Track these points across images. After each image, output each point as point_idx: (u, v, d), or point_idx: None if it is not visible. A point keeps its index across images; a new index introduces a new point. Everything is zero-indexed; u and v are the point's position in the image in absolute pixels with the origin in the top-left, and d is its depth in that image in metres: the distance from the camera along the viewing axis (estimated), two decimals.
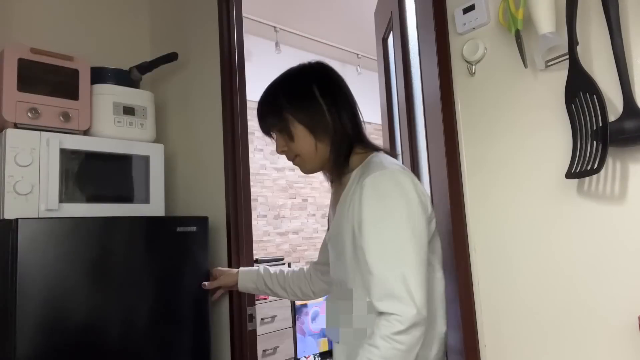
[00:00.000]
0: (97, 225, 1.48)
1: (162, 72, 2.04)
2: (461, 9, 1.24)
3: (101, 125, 1.72)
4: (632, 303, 0.96)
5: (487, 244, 1.19)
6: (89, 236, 1.45)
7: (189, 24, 2.07)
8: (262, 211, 4.25)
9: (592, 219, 1.02)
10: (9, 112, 1.52)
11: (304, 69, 1.26)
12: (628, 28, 0.98)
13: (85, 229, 1.45)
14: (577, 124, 1.00)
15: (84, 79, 1.69)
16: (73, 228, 1.42)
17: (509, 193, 1.15)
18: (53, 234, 1.38)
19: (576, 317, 1.04)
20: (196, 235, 1.66)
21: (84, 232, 1.44)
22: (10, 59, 1.54)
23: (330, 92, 1.21)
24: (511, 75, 1.16)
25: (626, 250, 0.97)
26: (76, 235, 1.42)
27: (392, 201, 1.07)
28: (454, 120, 1.26)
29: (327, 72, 1.26)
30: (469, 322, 1.18)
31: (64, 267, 1.38)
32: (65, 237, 1.40)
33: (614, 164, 0.99)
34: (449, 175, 1.23)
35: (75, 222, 1.45)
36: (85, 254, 1.43)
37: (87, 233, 1.45)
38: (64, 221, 1.43)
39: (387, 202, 1.07)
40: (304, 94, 1.20)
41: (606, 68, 0.99)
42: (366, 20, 2.94)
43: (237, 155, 1.81)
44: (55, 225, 1.40)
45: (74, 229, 1.42)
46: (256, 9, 3.56)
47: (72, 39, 1.98)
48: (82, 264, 1.42)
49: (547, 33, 1.02)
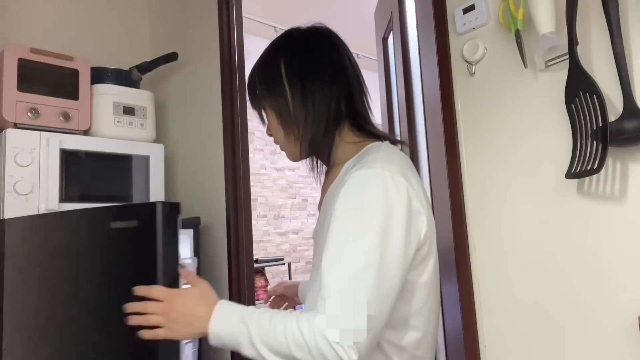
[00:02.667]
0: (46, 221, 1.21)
1: (162, 72, 2.05)
2: (461, 9, 1.24)
3: (101, 125, 1.72)
4: (632, 303, 0.96)
5: (487, 244, 1.19)
6: (37, 234, 1.20)
7: (189, 24, 2.07)
8: (262, 211, 4.25)
9: (592, 219, 1.02)
10: (9, 112, 1.52)
11: (274, 42, 1.03)
12: (628, 28, 0.98)
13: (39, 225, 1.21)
14: (577, 124, 1.00)
15: (84, 79, 1.69)
16: (33, 225, 1.23)
17: (509, 193, 1.15)
18: (28, 231, 1.21)
19: (576, 317, 1.04)
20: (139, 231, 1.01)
21: (40, 230, 1.21)
22: (10, 59, 1.54)
23: (299, 68, 0.97)
24: (511, 75, 1.15)
25: (626, 250, 0.97)
26: (32, 232, 1.22)
27: (369, 211, 0.80)
28: (454, 120, 1.26)
29: (296, 42, 1.01)
30: (469, 322, 1.18)
31: (23, 266, 1.21)
32: (26, 234, 1.22)
33: (614, 164, 0.99)
34: (449, 175, 1.23)
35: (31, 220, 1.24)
36: (34, 253, 1.20)
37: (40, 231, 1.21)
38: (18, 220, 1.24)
39: (364, 210, 0.80)
40: (271, 74, 0.99)
41: (606, 68, 0.99)
42: (366, 20, 2.94)
43: (237, 155, 1.81)
44: (18, 223, 1.24)
45: (34, 226, 1.22)
46: (256, 9, 3.56)
47: (72, 39, 1.98)
48: (34, 263, 1.19)
49: (547, 33, 1.02)
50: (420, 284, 0.87)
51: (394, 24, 1.95)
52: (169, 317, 0.89)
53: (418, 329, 0.87)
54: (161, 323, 0.89)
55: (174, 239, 0.97)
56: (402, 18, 1.89)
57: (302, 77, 0.96)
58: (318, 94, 0.95)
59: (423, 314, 0.88)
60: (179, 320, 0.89)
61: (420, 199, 0.85)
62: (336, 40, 1.02)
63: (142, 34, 2.24)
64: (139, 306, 0.91)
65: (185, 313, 0.90)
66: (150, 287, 0.92)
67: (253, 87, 1.03)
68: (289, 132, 0.98)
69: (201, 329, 0.88)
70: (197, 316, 0.89)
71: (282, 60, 0.98)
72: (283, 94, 0.96)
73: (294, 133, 0.97)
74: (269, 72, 0.99)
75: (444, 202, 1.25)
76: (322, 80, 0.96)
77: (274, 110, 0.98)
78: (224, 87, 1.85)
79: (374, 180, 0.82)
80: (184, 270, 0.97)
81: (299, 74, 0.96)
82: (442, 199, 1.27)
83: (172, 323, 0.89)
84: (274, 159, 4.30)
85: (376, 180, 0.82)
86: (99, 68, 1.79)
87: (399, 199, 0.81)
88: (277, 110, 0.98)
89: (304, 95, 0.95)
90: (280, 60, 0.98)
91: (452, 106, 1.26)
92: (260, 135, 4.05)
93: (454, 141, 1.24)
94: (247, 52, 1.98)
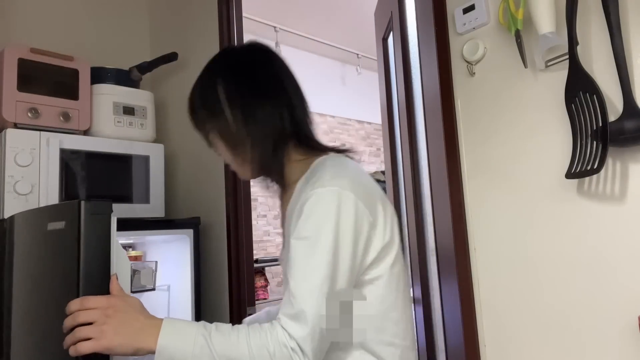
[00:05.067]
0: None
1: (162, 72, 2.05)
2: (461, 9, 1.24)
3: (101, 125, 1.72)
4: (632, 303, 0.96)
5: (487, 244, 1.19)
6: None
7: (189, 24, 2.07)
8: (262, 211, 4.25)
9: (592, 219, 1.02)
10: (9, 112, 1.52)
11: (209, 64, 1.01)
12: (628, 28, 0.98)
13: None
14: (577, 124, 1.00)
15: (84, 79, 1.69)
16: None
17: (509, 193, 1.15)
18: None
19: (576, 317, 1.04)
20: (66, 233, 0.89)
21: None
22: (10, 59, 1.54)
23: (236, 88, 0.95)
24: (511, 75, 1.16)
25: (626, 250, 0.97)
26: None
27: (323, 232, 0.83)
28: (454, 120, 1.26)
29: (231, 61, 0.99)
30: (469, 322, 1.18)
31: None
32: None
33: (614, 164, 0.99)
34: (449, 176, 1.23)
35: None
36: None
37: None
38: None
39: (318, 232, 0.83)
40: (209, 96, 0.97)
41: (606, 68, 0.99)
42: (366, 20, 2.94)
43: None
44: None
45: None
46: (256, 9, 3.56)
47: (72, 39, 1.98)
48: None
49: (547, 33, 1.02)
50: (390, 276, 0.90)
51: (394, 24, 1.95)
52: (107, 326, 0.78)
53: (399, 320, 0.91)
54: (92, 334, 0.77)
55: (104, 241, 0.85)
56: (402, 18, 1.89)
57: (241, 97, 0.94)
58: (259, 112, 0.93)
59: (398, 305, 0.91)
60: (118, 331, 0.78)
61: (371, 208, 0.87)
62: (271, 55, 1.00)
63: (142, 34, 2.24)
64: (70, 320, 0.79)
65: (128, 323, 0.79)
66: (84, 298, 0.80)
67: (193, 111, 1.01)
68: (236, 154, 0.97)
69: (145, 344, 0.78)
70: (139, 328, 0.79)
71: (218, 81, 0.96)
72: (224, 116, 0.94)
73: (241, 154, 0.96)
74: (207, 95, 0.97)
75: (444, 202, 1.25)
76: (261, 97, 0.94)
77: (217, 132, 0.97)
78: None
79: (326, 200, 0.83)
80: (112, 282, 0.84)
81: (237, 93, 0.95)
82: (442, 199, 1.27)
83: (111, 334, 0.77)
84: None
85: (327, 199, 0.83)
86: (99, 68, 1.79)
87: (348, 216, 0.83)
88: (220, 133, 0.96)
89: (245, 114, 0.93)
90: (217, 82, 0.96)
91: (452, 106, 1.26)
92: None
93: (454, 141, 1.24)
94: None
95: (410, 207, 1.80)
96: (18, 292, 0.98)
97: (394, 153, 2.07)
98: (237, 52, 1.02)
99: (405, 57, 1.86)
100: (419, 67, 1.41)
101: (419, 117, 1.81)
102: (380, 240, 0.88)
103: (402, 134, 1.94)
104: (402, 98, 1.90)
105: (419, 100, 1.72)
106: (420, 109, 1.71)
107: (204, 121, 0.99)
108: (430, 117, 1.35)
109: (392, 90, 2.12)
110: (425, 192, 1.76)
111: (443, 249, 1.27)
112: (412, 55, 1.84)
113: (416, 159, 1.86)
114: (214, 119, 0.96)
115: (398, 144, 2.04)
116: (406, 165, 1.85)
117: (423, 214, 1.75)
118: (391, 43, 2.07)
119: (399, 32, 1.89)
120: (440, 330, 1.57)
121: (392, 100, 2.13)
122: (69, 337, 0.78)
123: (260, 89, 0.95)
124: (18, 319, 0.98)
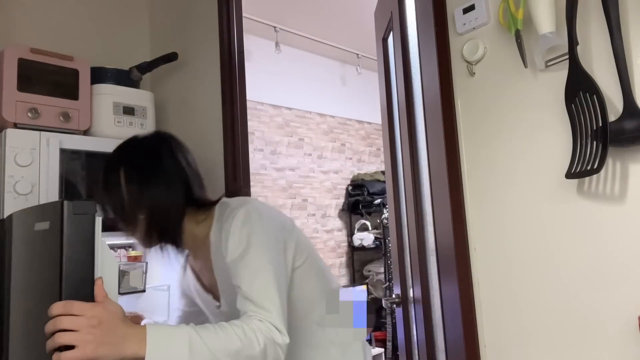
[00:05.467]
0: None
1: (162, 72, 2.04)
2: (461, 9, 1.24)
3: (101, 125, 1.72)
4: (632, 303, 0.96)
5: (487, 244, 1.19)
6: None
7: (189, 24, 2.07)
8: None
9: (592, 219, 1.02)
10: (9, 112, 1.52)
11: (116, 151, 1.15)
12: (628, 28, 0.98)
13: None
14: (577, 123, 1.00)
15: (84, 79, 1.69)
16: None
17: (509, 193, 1.15)
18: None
19: (576, 317, 1.04)
20: (50, 234, 0.87)
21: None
22: (10, 59, 1.54)
23: (137, 176, 1.09)
24: (511, 75, 1.16)
25: (626, 250, 0.97)
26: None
27: (255, 242, 1.05)
28: (454, 120, 1.26)
29: (135, 151, 1.15)
30: (469, 322, 1.18)
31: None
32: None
33: (614, 164, 0.99)
34: (449, 175, 1.23)
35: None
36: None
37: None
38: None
39: (250, 242, 1.04)
40: (112, 182, 1.10)
41: (606, 68, 0.99)
42: (366, 20, 2.94)
43: (237, 155, 1.81)
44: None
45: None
46: (256, 9, 3.56)
47: (72, 39, 1.98)
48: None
49: (547, 33, 1.02)
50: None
51: (394, 24, 1.95)
52: (91, 336, 0.77)
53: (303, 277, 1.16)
54: (76, 342, 0.76)
55: (88, 241, 0.82)
56: (402, 18, 1.89)
57: (141, 183, 1.08)
58: (157, 195, 1.08)
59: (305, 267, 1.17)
60: (103, 340, 0.78)
61: (276, 215, 1.16)
62: (172, 144, 1.17)
63: (142, 34, 2.24)
64: (51, 325, 0.77)
65: (112, 333, 0.79)
66: (68, 302, 0.78)
67: (100, 188, 1.13)
68: (134, 232, 1.12)
69: (131, 351, 0.79)
70: (122, 336, 0.80)
71: (122, 170, 1.09)
72: (121, 201, 1.08)
73: (137, 233, 1.11)
74: (110, 180, 1.10)
75: (444, 202, 1.25)
76: (160, 184, 1.09)
77: (117, 214, 1.10)
78: (224, 87, 1.85)
79: (240, 218, 1.06)
80: (97, 286, 0.82)
81: (138, 181, 1.09)
82: (442, 199, 1.27)
83: (95, 344, 0.77)
84: (274, 159, 4.30)
85: (247, 217, 1.06)
86: (99, 68, 1.79)
87: (264, 225, 1.07)
88: (119, 214, 1.09)
89: (142, 198, 1.08)
90: (121, 170, 1.09)
91: (452, 106, 1.26)
92: (260, 135, 4.05)
93: (454, 141, 1.24)
94: (247, 52, 1.98)
95: (410, 207, 1.80)
96: (15, 293, 0.98)
97: (394, 153, 2.07)
98: (142, 141, 1.17)
99: (405, 57, 1.86)
100: (419, 67, 1.41)
101: (419, 117, 1.81)
102: (292, 249, 1.14)
103: (402, 134, 1.94)
104: (402, 98, 1.90)
105: (419, 100, 1.71)
106: (420, 109, 1.71)
107: (103, 199, 1.10)
108: (430, 117, 1.35)
109: (392, 90, 2.12)
110: (425, 192, 1.75)
111: (443, 249, 1.26)
112: (412, 55, 1.84)
113: (416, 159, 1.85)
114: (110, 200, 1.10)
115: (398, 144, 2.04)
116: (406, 165, 1.85)
117: (423, 214, 1.75)
118: (391, 43, 2.07)
119: (399, 32, 1.89)
120: (440, 330, 1.57)
121: (392, 100, 2.13)
122: (49, 342, 0.77)
123: (159, 178, 1.10)
124: (15, 319, 0.98)
